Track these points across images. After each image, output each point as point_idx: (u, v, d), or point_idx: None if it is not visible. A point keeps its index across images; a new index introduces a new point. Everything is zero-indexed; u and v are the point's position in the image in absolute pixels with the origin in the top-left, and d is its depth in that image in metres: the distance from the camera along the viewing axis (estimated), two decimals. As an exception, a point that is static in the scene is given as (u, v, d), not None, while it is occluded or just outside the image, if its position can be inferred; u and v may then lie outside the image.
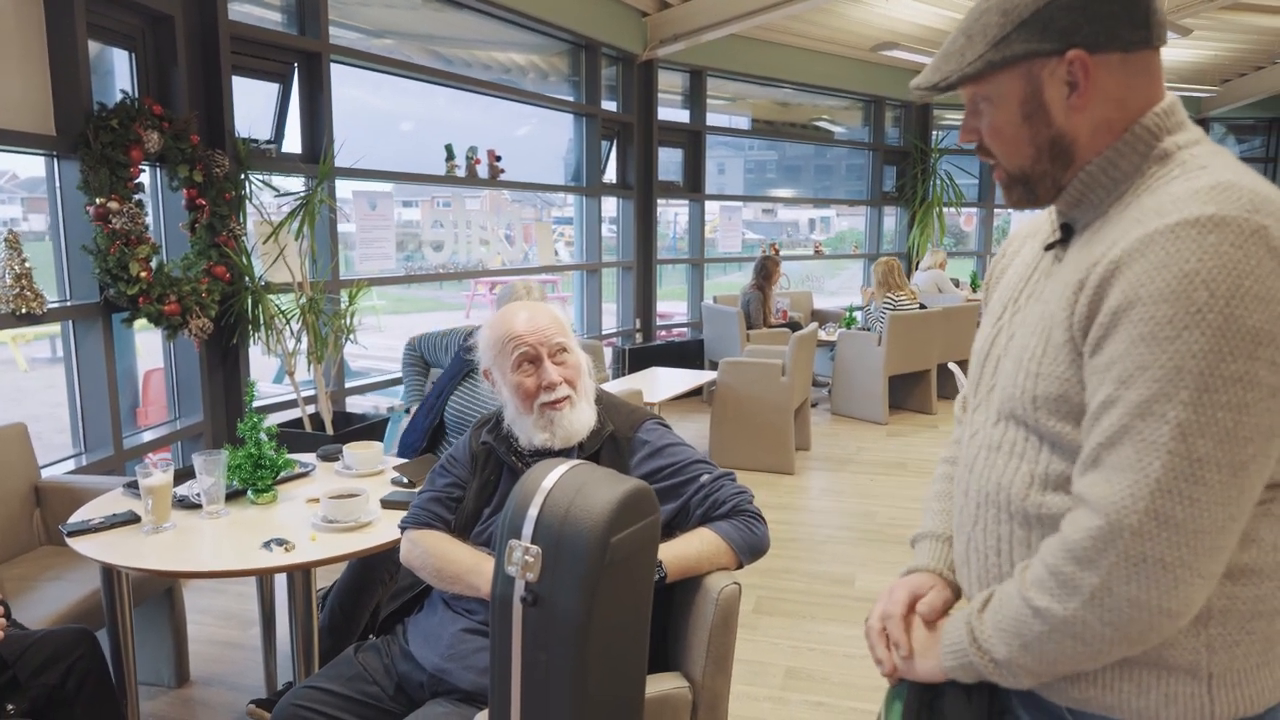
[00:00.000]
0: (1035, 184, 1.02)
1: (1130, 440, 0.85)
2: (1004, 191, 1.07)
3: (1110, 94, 0.96)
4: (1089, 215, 1.00)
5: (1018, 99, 0.99)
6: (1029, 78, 0.97)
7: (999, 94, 1.00)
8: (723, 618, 1.57)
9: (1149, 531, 0.84)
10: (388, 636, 1.82)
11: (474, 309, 14.34)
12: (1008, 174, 1.04)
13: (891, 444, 5.90)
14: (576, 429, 1.70)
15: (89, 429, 3.29)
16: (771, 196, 10.06)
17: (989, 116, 1.02)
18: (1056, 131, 0.98)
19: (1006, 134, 1.01)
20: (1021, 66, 0.97)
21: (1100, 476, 0.88)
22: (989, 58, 0.97)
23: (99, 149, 3.03)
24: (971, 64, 0.98)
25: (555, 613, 1.09)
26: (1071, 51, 0.94)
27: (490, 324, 1.78)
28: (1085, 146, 0.98)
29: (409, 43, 5.23)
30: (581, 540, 1.07)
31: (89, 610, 2.35)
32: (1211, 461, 0.82)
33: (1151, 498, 0.83)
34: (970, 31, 0.99)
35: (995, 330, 1.12)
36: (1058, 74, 0.96)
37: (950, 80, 1.01)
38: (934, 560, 1.21)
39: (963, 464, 1.12)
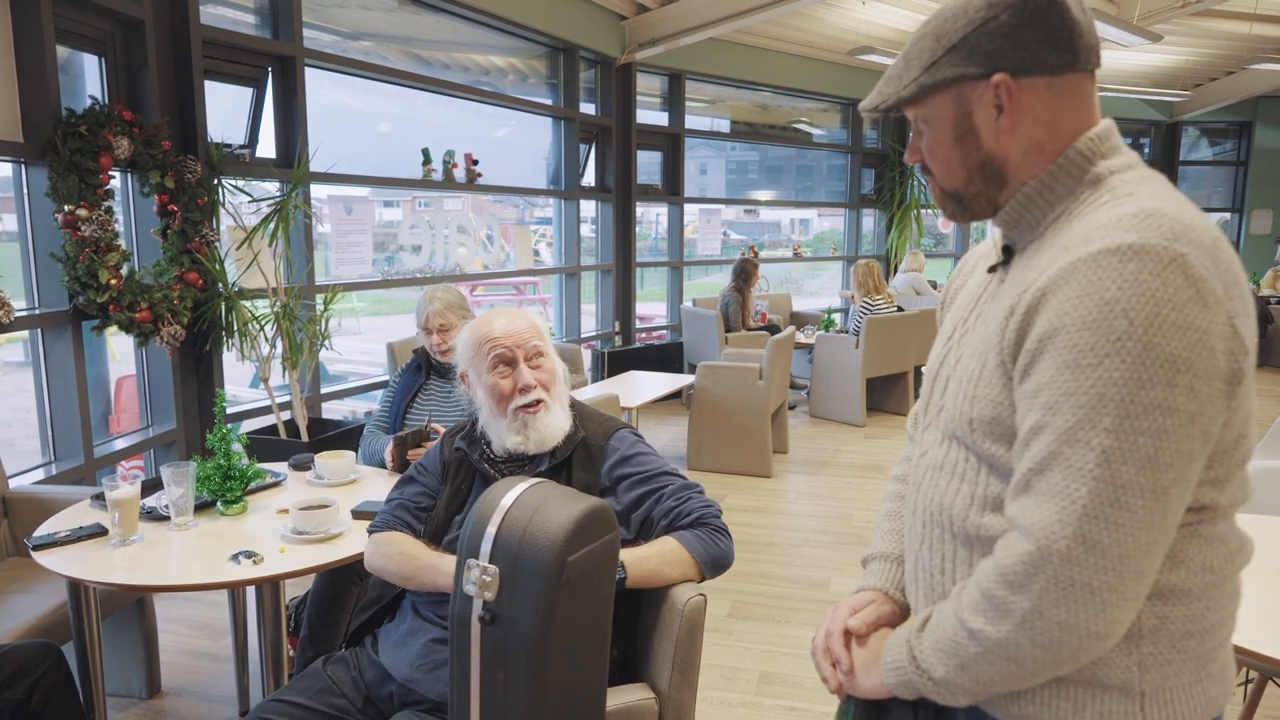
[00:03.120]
0: (969, 202, 1.05)
1: (1058, 466, 0.87)
2: (939, 206, 1.10)
3: (1038, 116, 0.98)
4: (1026, 237, 1.03)
5: (950, 121, 1.02)
6: (959, 100, 1.00)
7: (934, 116, 1.03)
8: (688, 629, 1.58)
9: (1077, 557, 0.86)
10: (356, 648, 1.82)
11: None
12: (943, 191, 1.08)
13: (869, 446, 5.94)
14: (551, 433, 1.71)
15: (58, 438, 3.26)
16: (750, 199, 10.09)
17: (927, 137, 1.05)
18: (986, 153, 1.01)
19: (940, 154, 1.04)
20: (952, 90, 1.00)
21: (1031, 502, 0.90)
22: (921, 81, 1.01)
23: (67, 155, 3.00)
24: (907, 87, 1.02)
25: (513, 632, 1.09)
26: (996, 75, 0.97)
27: (470, 328, 1.80)
28: (1018, 167, 1.01)
29: (386, 45, 5.22)
30: (539, 559, 1.08)
31: (57, 623, 2.33)
32: (1135, 487, 0.84)
33: (1079, 523, 0.85)
34: (909, 56, 1.03)
35: (945, 350, 1.14)
36: (985, 97, 0.98)
37: (889, 102, 1.05)
38: (882, 580, 1.23)
39: (912, 483, 1.15)
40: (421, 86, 5.28)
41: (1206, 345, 0.84)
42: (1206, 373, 0.85)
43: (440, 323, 2.81)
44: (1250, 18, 7.62)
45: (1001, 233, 1.07)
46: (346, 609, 2.68)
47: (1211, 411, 0.86)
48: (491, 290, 13.47)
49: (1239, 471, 0.94)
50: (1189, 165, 11.34)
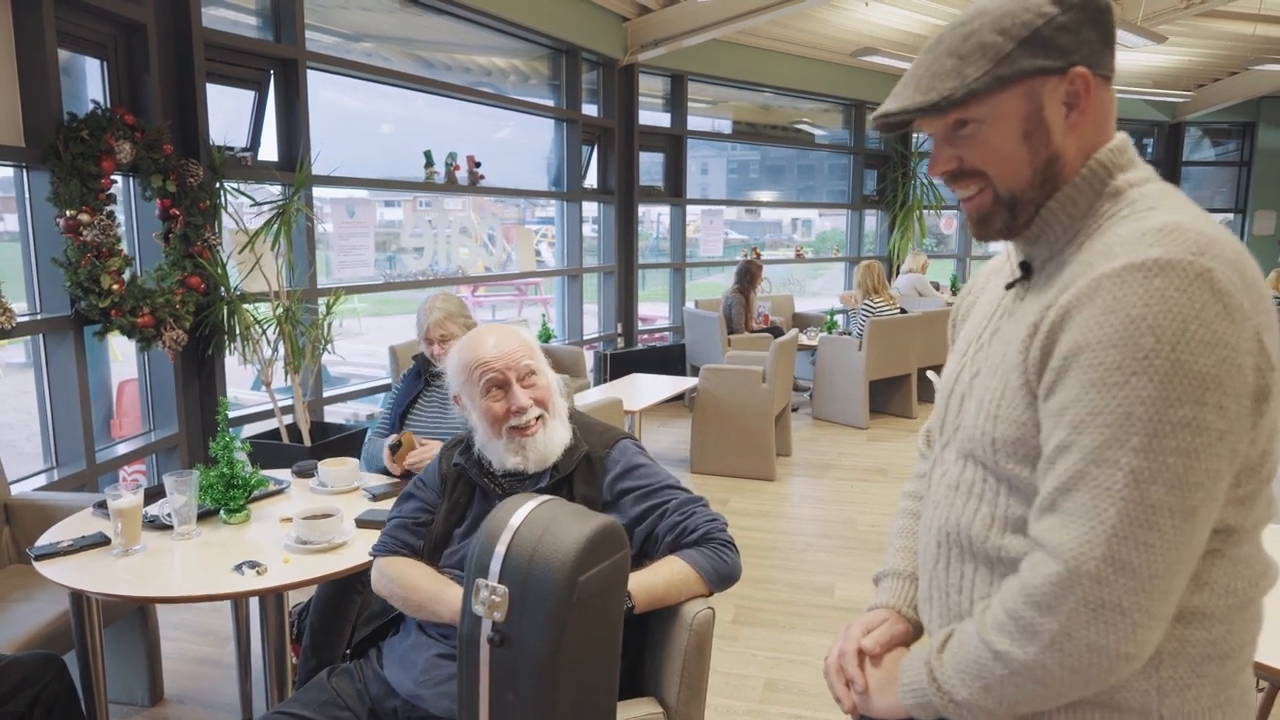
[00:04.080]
0: (1020, 210, 1.00)
1: (1086, 486, 0.86)
2: (979, 224, 1.03)
3: (1096, 117, 0.97)
4: (1045, 253, 1.01)
5: (1019, 117, 0.96)
6: (1031, 96, 0.96)
7: (998, 113, 0.97)
8: (697, 643, 1.56)
9: (1106, 578, 0.84)
10: (361, 660, 1.81)
11: (456, 311, 14.28)
12: (996, 199, 1.01)
13: (872, 449, 5.93)
14: (551, 449, 1.69)
15: (60, 444, 3.24)
16: (753, 200, 10.07)
17: (983, 137, 0.98)
18: (1053, 151, 0.97)
19: (1005, 154, 0.98)
20: (1025, 84, 0.95)
21: (1058, 522, 0.88)
22: (996, 74, 0.94)
23: (69, 160, 2.98)
24: (978, 79, 0.95)
25: (523, 653, 1.08)
26: (1075, 68, 0.94)
27: (458, 350, 1.77)
28: (1070, 170, 0.97)
29: (388, 46, 5.20)
30: (549, 579, 1.07)
31: (59, 632, 2.31)
32: (1164, 507, 0.83)
33: (1108, 544, 0.84)
34: (961, 52, 0.96)
35: (960, 367, 1.13)
36: (1057, 92, 0.95)
37: (955, 96, 0.96)
38: (894, 598, 1.21)
39: (929, 502, 1.13)
40: (423, 88, 5.27)
41: (1235, 362, 0.83)
42: (1235, 390, 0.83)
43: (440, 333, 2.79)
44: (1254, 18, 7.60)
45: (1019, 249, 1.06)
46: (349, 617, 2.67)
47: (1240, 429, 0.85)
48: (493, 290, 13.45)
49: (1265, 490, 0.93)
50: (1192, 166, 11.32)
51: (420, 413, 2.84)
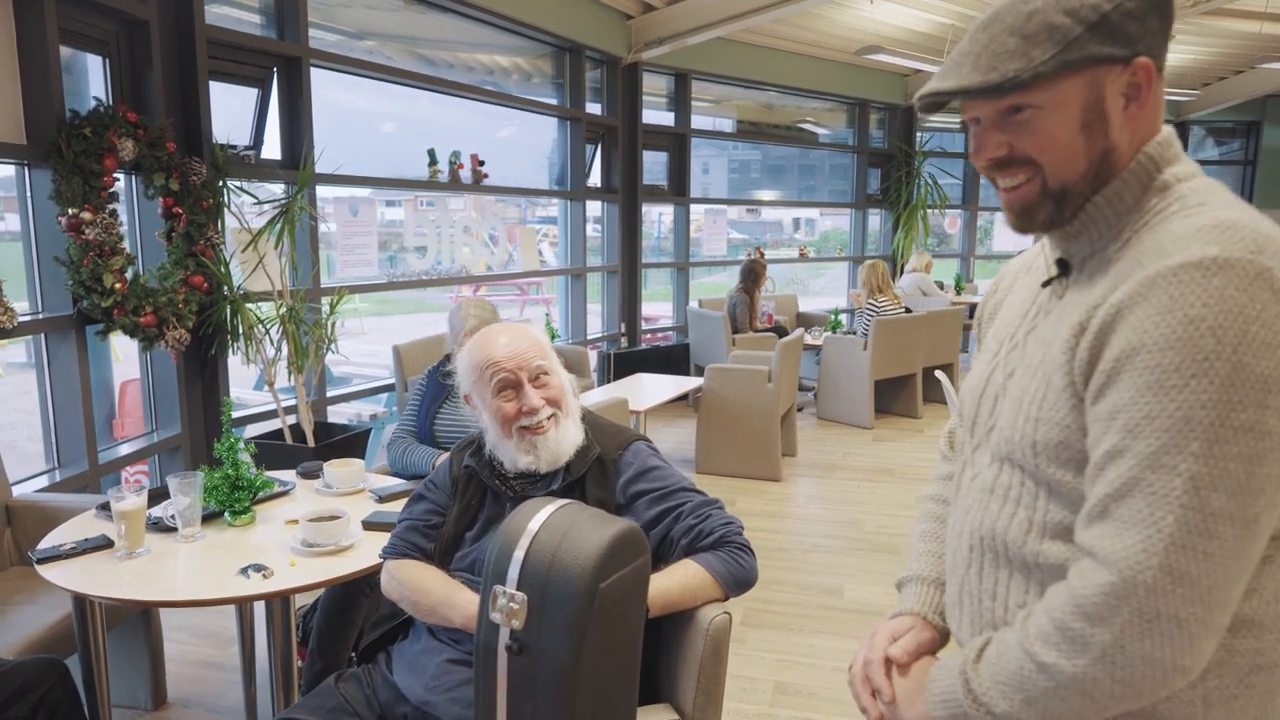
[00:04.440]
0: (1068, 203, 0.95)
1: (1141, 493, 0.83)
2: (1022, 215, 0.98)
3: (1150, 111, 0.93)
4: (1086, 250, 0.97)
5: (1079, 106, 0.92)
6: (1094, 84, 0.91)
7: (1058, 99, 0.92)
8: (713, 648, 1.53)
9: (1164, 588, 0.81)
10: (369, 665, 1.78)
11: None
12: (1044, 190, 0.96)
13: (878, 449, 5.89)
14: (563, 449, 1.66)
15: (62, 444, 3.21)
16: (756, 199, 10.04)
17: (1039, 124, 0.93)
18: (1109, 144, 0.93)
19: (1061, 143, 0.93)
20: (1089, 71, 0.91)
21: (1110, 529, 0.85)
22: (1063, 57, 0.89)
23: (71, 158, 2.95)
24: (1045, 62, 0.89)
25: (542, 662, 1.05)
26: (1139, 59, 0.90)
27: (469, 349, 1.74)
28: (1121, 164, 0.93)
29: (391, 45, 5.17)
30: (569, 586, 1.03)
31: (62, 635, 2.28)
32: (1225, 515, 0.80)
33: (1166, 553, 0.81)
34: (1025, 31, 0.91)
35: (991, 367, 1.09)
36: (1119, 83, 0.91)
37: (1021, 78, 0.90)
38: (920, 604, 1.18)
39: (958, 505, 1.10)
40: (427, 86, 5.23)
41: None
42: None
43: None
44: (1261, 16, 7.56)
45: (1055, 245, 1.02)
46: (356, 621, 2.64)
47: None
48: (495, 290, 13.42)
49: None
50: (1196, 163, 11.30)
51: (450, 413, 2.81)
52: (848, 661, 3.16)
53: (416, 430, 2.86)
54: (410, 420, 2.87)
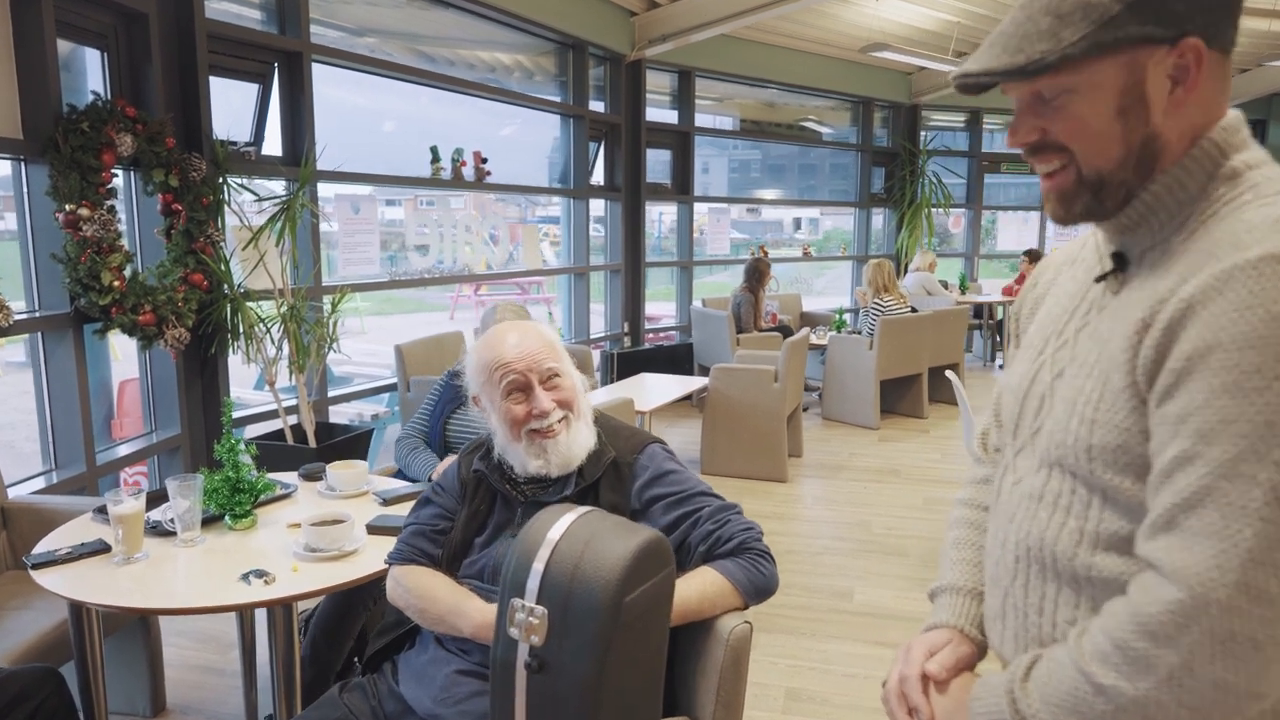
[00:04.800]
0: (1107, 193, 0.90)
1: (1214, 503, 0.76)
2: (1059, 203, 0.93)
3: (1204, 96, 0.87)
4: (1146, 242, 0.91)
5: (1116, 89, 0.86)
6: (1133, 66, 0.85)
7: (1092, 83, 0.86)
8: (733, 659, 1.47)
9: (1239, 607, 0.75)
10: (374, 675, 1.72)
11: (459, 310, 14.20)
12: (1080, 179, 0.91)
13: (884, 450, 5.83)
14: (574, 453, 1.60)
15: (59, 445, 3.15)
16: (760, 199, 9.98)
17: (1072, 109, 0.88)
18: (1151, 131, 0.87)
19: (1094, 129, 0.88)
20: (1127, 53, 0.85)
21: (1178, 542, 0.79)
22: (1096, 38, 0.84)
23: (69, 153, 2.89)
24: (1074, 44, 0.84)
25: (563, 680, 0.99)
26: (1188, 39, 0.84)
27: (477, 348, 1.67)
28: (1170, 154, 0.88)
29: (391, 41, 5.10)
30: (593, 600, 0.98)
31: (58, 641, 2.22)
32: None
33: (1242, 570, 0.75)
34: (1060, 11, 0.86)
35: (1036, 366, 1.03)
36: (1164, 65, 0.85)
37: (1048, 60, 0.86)
38: (955, 616, 1.12)
39: (1001, 513, 1.04)
40: (429, 83, 5.17)
41: None
42: None
43: None
44: (1270, 14, 7.50)
45: (1110, 237, 0.96)
46: (353, 631, 2.58)
47: None
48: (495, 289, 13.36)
49: None
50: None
51: (464, 415, 2.76)
52: (860, 667, 3.09)
53: (427, 431, 2.81)
54: (422, 421, 2.82)
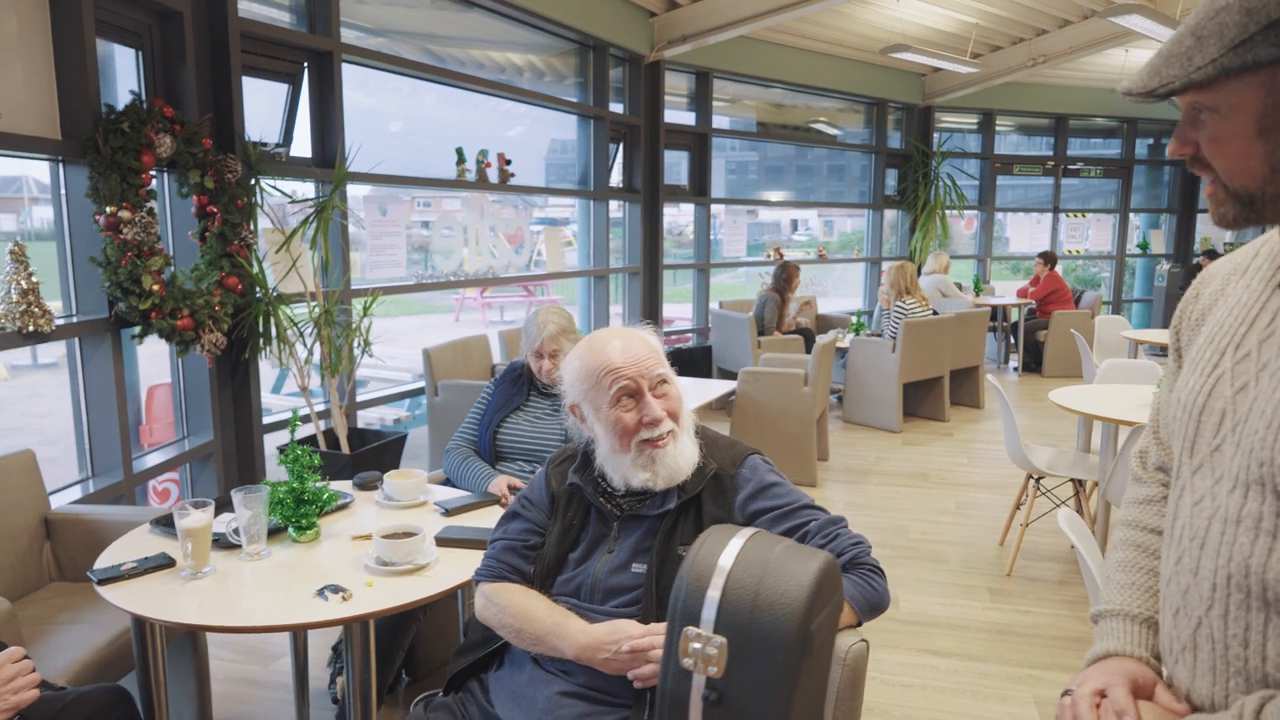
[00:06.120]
0: (1263, 205, 0.90)
1: None
2: (1214, 207, 0.95)
3: None
4: None
5: (1254, 111, 0.87)
6: (1271, 87, 0.85)
7: (1230, 104, 0.88)
8: (850, 679, 1.41)
9: None
10: (460, 694, 1.66)
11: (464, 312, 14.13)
12: (1228, 191, 0.92)
13: (910, 453, 5.79)
14: (681, 466, 1.54)
15: (97, 453, 3.08)
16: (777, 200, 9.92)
17: (1213, 128, 0.90)
18: None
19: (1233, 149, 0.89)
20: (1263, 74, 0.85)
21: None
22: (1223, 63, 0.85)
23: (109, 154, 2.82)
24: (1201, 69, 0.87)
25: (745, 711, 0.93)
26: None
27: (579, 355, 1.61)
28: None
29: (405, 41, 5.01)
30: (779, 628, 0.92)
31: (113, 658, 2.16)
32: None
33: None
34: (1201, 32, 0.87)
35: (1212, 380, 0.97)
36: None
37: (1173, 86, 0.89)
38: (1133, 644, 1.06)
39: (1185, 536, 0.98)
40: (456, 84, 5.11)
41: None
42: None
43: (553, 348, 2.70)
44: None
45: None
46: (404, 645, 2.53)
47: None
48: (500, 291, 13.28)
49: None
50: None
51: (515, 425, 2.70)
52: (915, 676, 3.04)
53: (475, 440, 2.75)
54: (471, 429, 2.75)
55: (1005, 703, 2.77)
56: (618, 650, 1.41)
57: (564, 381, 1.64)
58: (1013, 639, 3.20)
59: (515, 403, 2.74)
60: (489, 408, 2.79)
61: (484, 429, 2.76)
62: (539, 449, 2.70)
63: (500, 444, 2.74)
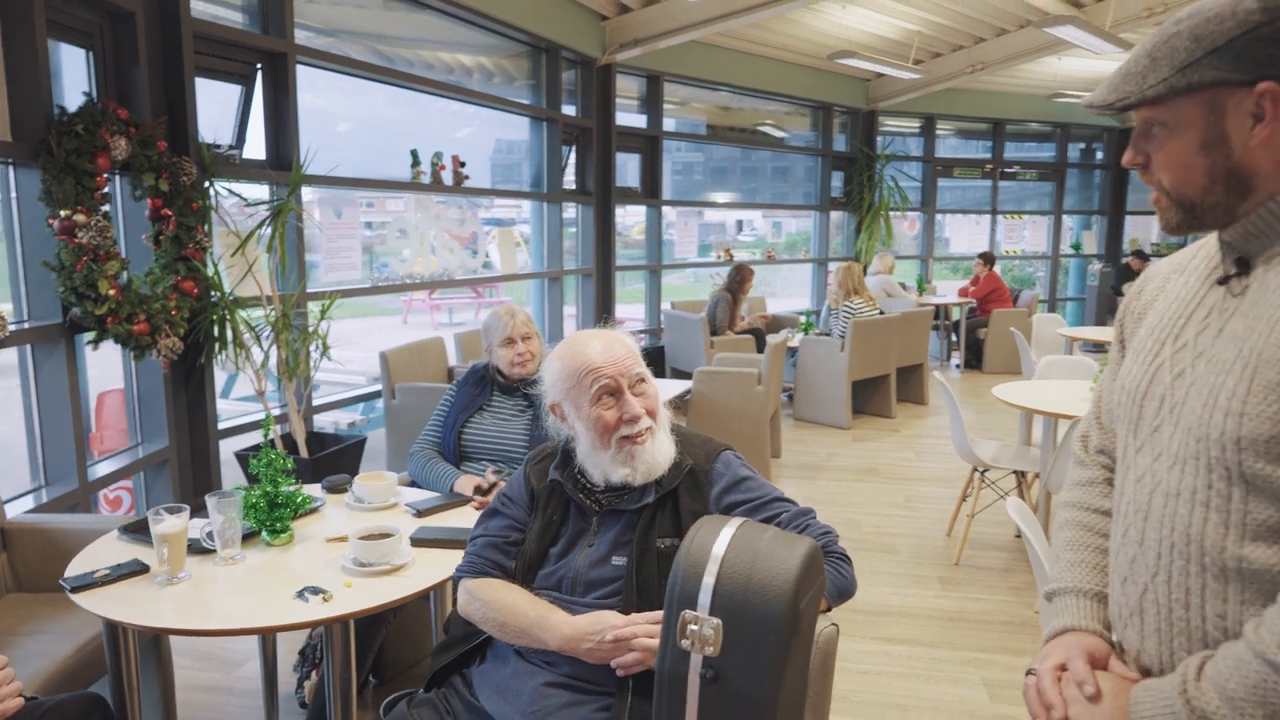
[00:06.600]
0: (1203, 212, 1.02)
1: None
2: (1160, 214, 1.05)
3: None
4: (1273, 247, 0.98)
5: (1198, 127, 0.98)
6: (1212, 106, 0.96)
7: (1177, 120, 0.99)
8: (822, 661, 1.50)
9: None
10: (443, 690, 1.70)
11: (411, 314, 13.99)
12: (1171, 199, 1.03)
13: (859, 449, 5.95)
14: (659, 461, 1.61)
15: (50, 461, 3.02)
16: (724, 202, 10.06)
17: (1162, 141, 1.01)
18: (1235, 163, 0.97)
19: (1179, 161, 1.00)
20: (1206, 94, 0.96)
21: None
22: (1173, 82, 0.96)
23: (63, 156, 2.78)
24: (1153, 87, 0.98)
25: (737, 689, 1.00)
26: (1263, 84, 0.93)
27: (560, 356, 1.67)
28: (1268, 179, 0.97)
29: (354, 41, 4.98)
30: (770, 609, 0.99)
31: (80, 667, 2.14)
32: None
33: None
34: (1156, 54, 0.98)
35: (1153, 367, 1.08)
36: (1244, 105, 0.94)
37: (1128, 101, 1.01)
38: (1086, 618, 1.15)
39: (1131, 510, 1.07)
40: (410, 85, 5.10)
41: None
42: None
43: (525, 332, 2.78)
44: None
45: (1233, 245, 1.02)
46: (373, 647, 2.54)
47: None
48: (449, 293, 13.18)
49: None
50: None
51: (480, 426, 2.73)
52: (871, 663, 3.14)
53: (439, 441, 2.77)
54: (434, 432, 2.78)
55: (957, 685, 2.90)
56: (601, 640, 1.47)
57: (544, 382, 1.69)
58: (963, 625, 3.33)
59: (479, 403, 2.78)
60: (452, 409, 2.82)
61: (448, 430, 2.79)
62: (504, 448, 2.74)
63: (465, 444, 2.77)
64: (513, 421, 2.78)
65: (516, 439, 2.74)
